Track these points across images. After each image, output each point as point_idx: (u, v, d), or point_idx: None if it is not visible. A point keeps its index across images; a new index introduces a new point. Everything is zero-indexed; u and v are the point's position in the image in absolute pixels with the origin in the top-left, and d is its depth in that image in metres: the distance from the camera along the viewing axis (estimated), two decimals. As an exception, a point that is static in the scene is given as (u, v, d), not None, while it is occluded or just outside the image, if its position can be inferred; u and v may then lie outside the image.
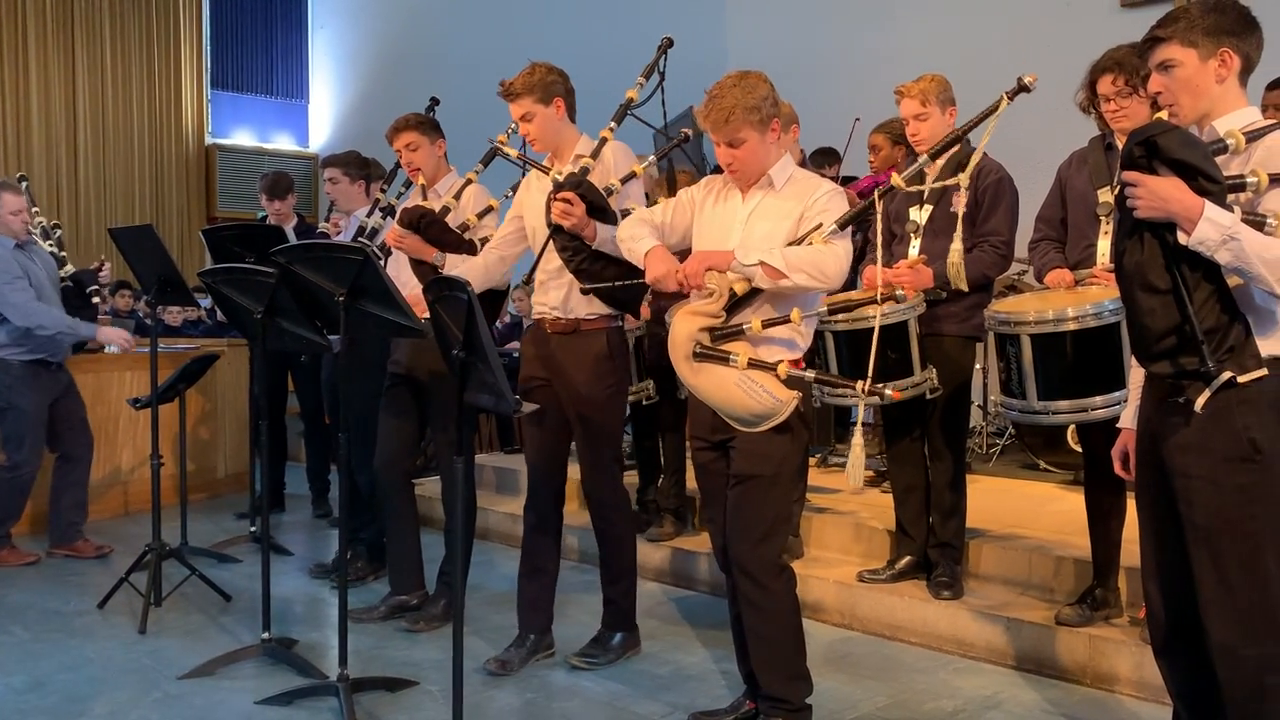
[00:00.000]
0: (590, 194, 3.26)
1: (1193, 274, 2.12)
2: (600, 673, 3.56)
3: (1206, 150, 2.13)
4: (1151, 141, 2.12)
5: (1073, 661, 3.44)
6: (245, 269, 3.59)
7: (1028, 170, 4.11)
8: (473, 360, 2.72)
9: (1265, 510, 2.19)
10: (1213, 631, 2.23)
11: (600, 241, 3.28)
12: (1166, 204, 2.08)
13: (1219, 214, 2.06)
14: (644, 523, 4.83)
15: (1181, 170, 2.09)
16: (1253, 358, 2.15)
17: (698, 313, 2.82)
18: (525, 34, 9.36)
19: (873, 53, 7.07)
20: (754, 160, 2.84)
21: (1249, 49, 2.24)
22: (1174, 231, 2.10)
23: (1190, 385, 2.18)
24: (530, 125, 3.44)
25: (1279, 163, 2.14)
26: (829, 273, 2.74)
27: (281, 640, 3.75)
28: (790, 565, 2.97)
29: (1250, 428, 2.16)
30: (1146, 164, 2.13)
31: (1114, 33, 4.28)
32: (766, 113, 2.81)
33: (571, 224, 3.22)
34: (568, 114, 3.48)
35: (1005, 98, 3.05)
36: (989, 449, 5.73)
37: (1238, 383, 2.14)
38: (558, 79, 3.43)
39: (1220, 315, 2.13)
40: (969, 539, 3.98)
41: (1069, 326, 3.23)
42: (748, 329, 2.80)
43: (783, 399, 2.79)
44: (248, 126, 11.99)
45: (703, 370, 2.81)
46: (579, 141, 3.50)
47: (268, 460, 3.88)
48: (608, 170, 3.40)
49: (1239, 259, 2.05)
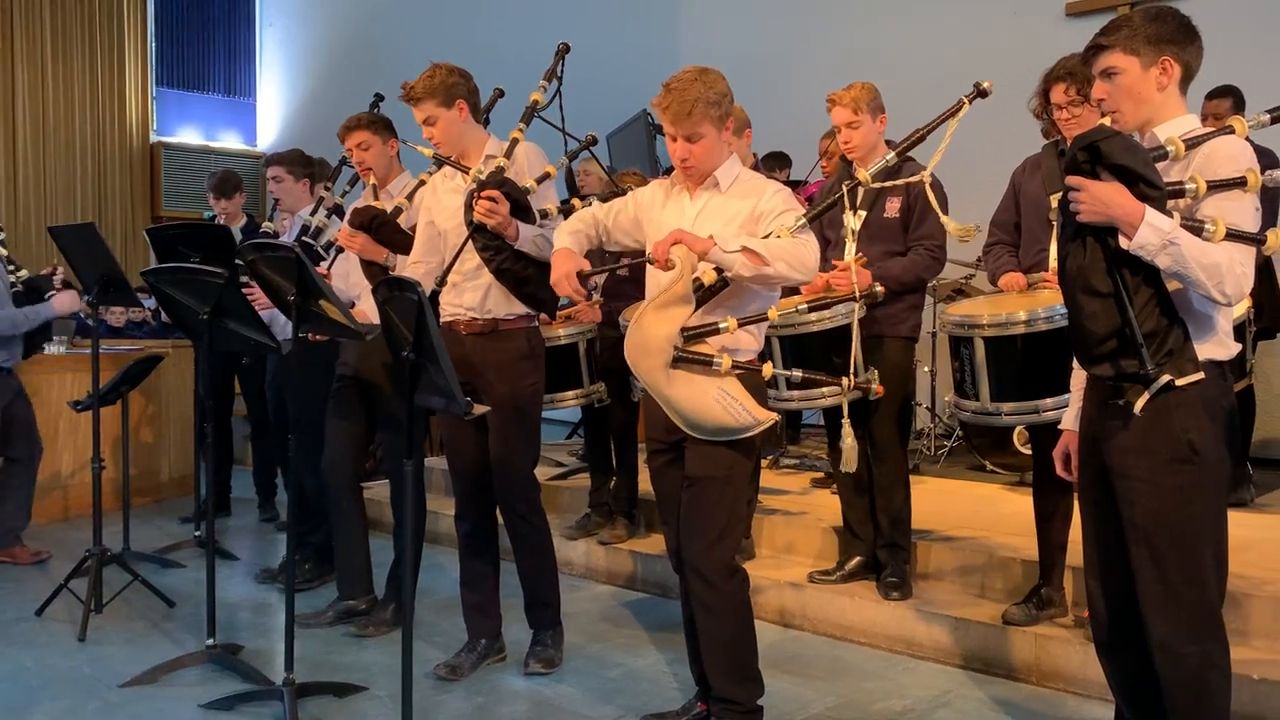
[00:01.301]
0: (513, 192, 3.24)
1: (1133, 278, 2.16)
2: (551, 676, 3.55)
3: (1148, 156, 2.17)
4: (1095, 146, 2.16)
5: (1019, 660, 3.49)
6: (191, 269, 3.53)
7: (975, 174, 4.17)
8: (423, 362, 2.69)
9: (1202, 510, 2.24)
10: (1153, 629, 2.27)
11: (521, 241, 3.26)
12: (1109, 208, 2.12)
13: (1159, 219, 2.10)
14: (596, 525, 4.83)
15: (1123, 175, 2.13)
16: (1190, 361, 2.20)
17: (669, 304, 2.73)
18: (477, 34, 9.32)
19: (824, 58, 7.13)
20: (709, 156, 2.83)
21: (1189, 58, 2.28)
22: (1115, 236, 2.14)
23: (1130, 388, 2.23)
24: (434, 129, 3.39)
25: (1217, 169, 2.18)
26: (808, 264, 2.73)
27: (227, 647, 3.69)
28: (743, 567, 2.97)
29: (1188, 430, 2.21)
30: (1090, 169, 2.16)
31: (1060, 40, 4.37)
32: (725, 109, 2.81)
33: (496, 223, 3.19)
34: (472, 115, 3.45)
35: (965, 101, 3.09)
36: (937, 451, 5.79)
37: (1176, 386, 2.18)
38: (460, 81, 3.39)
39: (1160, 319, 2.17)
40: (918, 539, 4.03)
41: (1021, 330, 3.28)
42: (724, 328, 2.79)
43: (761, 419, 2.79)
44: (194, 124, 11.79)
45: (678, 380, 2.76)
46: (487, 143, 3.48)
47: (213, 463, 3.83)
48: (521, 171, 3.38)
49: (1178, 263, 2.09)
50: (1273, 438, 5.57)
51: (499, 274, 3.31)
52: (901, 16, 6.93)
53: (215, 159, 11.35)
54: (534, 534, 3.55)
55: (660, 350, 2.74)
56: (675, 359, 2.74)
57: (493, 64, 4.01)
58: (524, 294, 3.37)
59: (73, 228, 4.60)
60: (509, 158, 3.36)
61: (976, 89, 3.05)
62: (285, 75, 11.98)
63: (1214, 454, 2.24)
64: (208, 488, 3.73)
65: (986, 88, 3.04)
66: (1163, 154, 2.23)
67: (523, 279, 3.33)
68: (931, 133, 3.21)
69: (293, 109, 11.90)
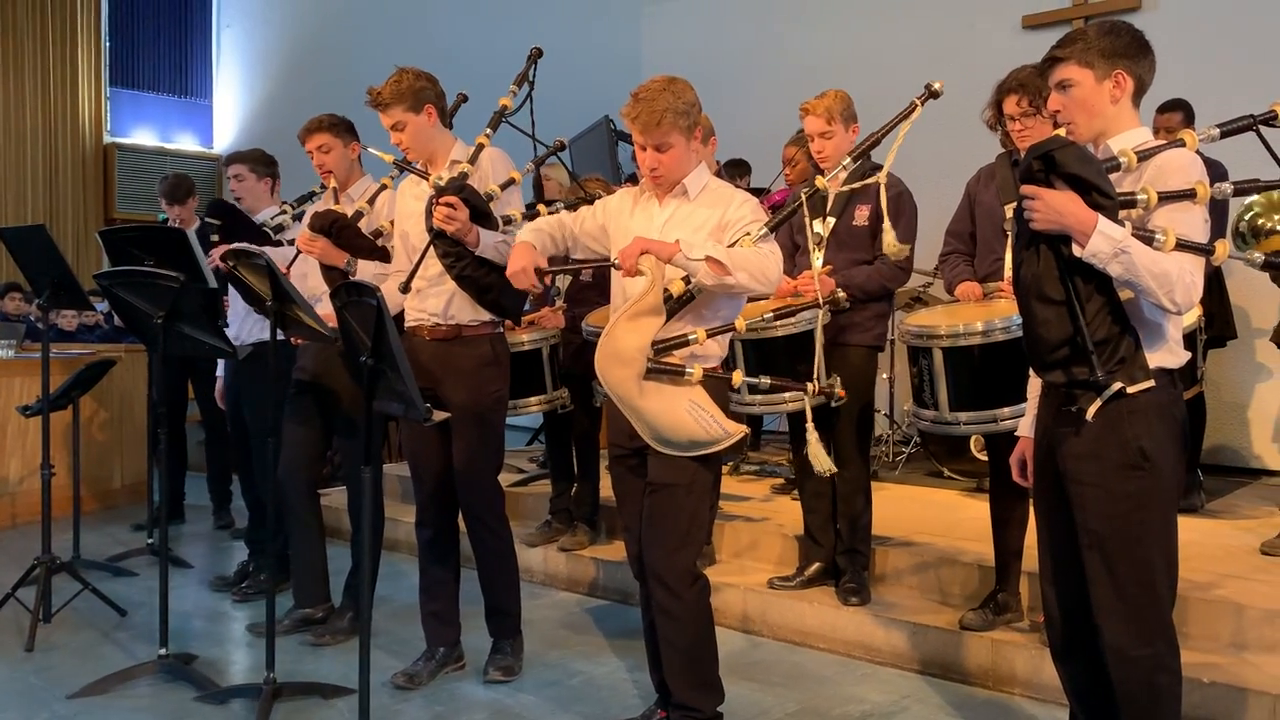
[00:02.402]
0: (473, 198, 3.23)
1: (1085, 286, 2.20)
2: (511, 684, 3.53)
3: (1101, 167, 2.21)
4: (1050, 156, 2.20)
5: (976, 666, 3.52)
6: (145, 272, 3.48)
7: (932, 183, 4.21)
8: (381, 367, 2.67)
9: (1153, 516, 2.28)
10: (1106, 633, 2.31)
11: (483, 247, 3.25)
12: (1062, 217, 2.16)
13: (1111, 228, 2.14)
14: (557, 531, 4.82)
15: (1077, 185, 2.17)
16: (1141, 369, 2.24)
17: (641, 314, 2.73)
18: (437, 37, 9.28)
19: (784, 66, 7.17)
20: (678, 166, 2.84)
21: (1142, 71, 2.33)
22: (1069, 244, 2.17)
23: (1083, 394, 2.27)
24: (402, 134, 3.37)
25: (1168, 181, 2.23)
26: (770, 276, 2.74)
27: (180, 656, 3.63)
28: (704, 574, 2.97)
29: (1139, 436, 2.25)
30: (1044, 178, 2.20)
31: (1016, 52, 4.42)
32: (693, 119, 2.82)
33: (454, 229, 3.18)
34: (440, 120, 3.43)
35: (918, 103, 3.12)
36: (895, 457, 5.84)
37: (1127, 393, 2.23)
38: (427, 85, 3.37)
39: (1111, 327, 2.21)
40: (876, 546, 4.05)
41: (978, 340, 3.32)
42: (693, 339, 2.79)
43: (730, 431, 2.80)
44: (149, 125, 11.62)
45: (651, 392, 2.76)
46: (454, 148, 3.47)
47: (167, 469, 3.77)
48: (485, 177, 3.38)
49: (1129, 271, 2.13)
50: (1222, 445, 5.68)
51: (460, 280, 3.30)
52: (860, 26, 6.99)
53: (170, 161, 11.19)
54: (497, 542, 3.52)
55: (633, 361, 2.73)
56: (648, 370, 2.75)
57: (454, 67, 3.99)
58: (486, 301, 3.36)
59: (21, 229, 4.53)
60: (474, 163, 3.35)
61: (928, 90, 3.08)
62: (243, 77, 11.84)
63: (1164, 461, 2.28)
64: (161, 494, 3.67)
65: (938, 88, 3.07)
66: (1115, 165, 2.28)
67: (485, 286, 3.32)
68: (886, 136, 3.24)
69: (250, 111, 11.76)
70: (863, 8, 7.00)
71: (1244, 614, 3.35)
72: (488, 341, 3.44)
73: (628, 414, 2.81)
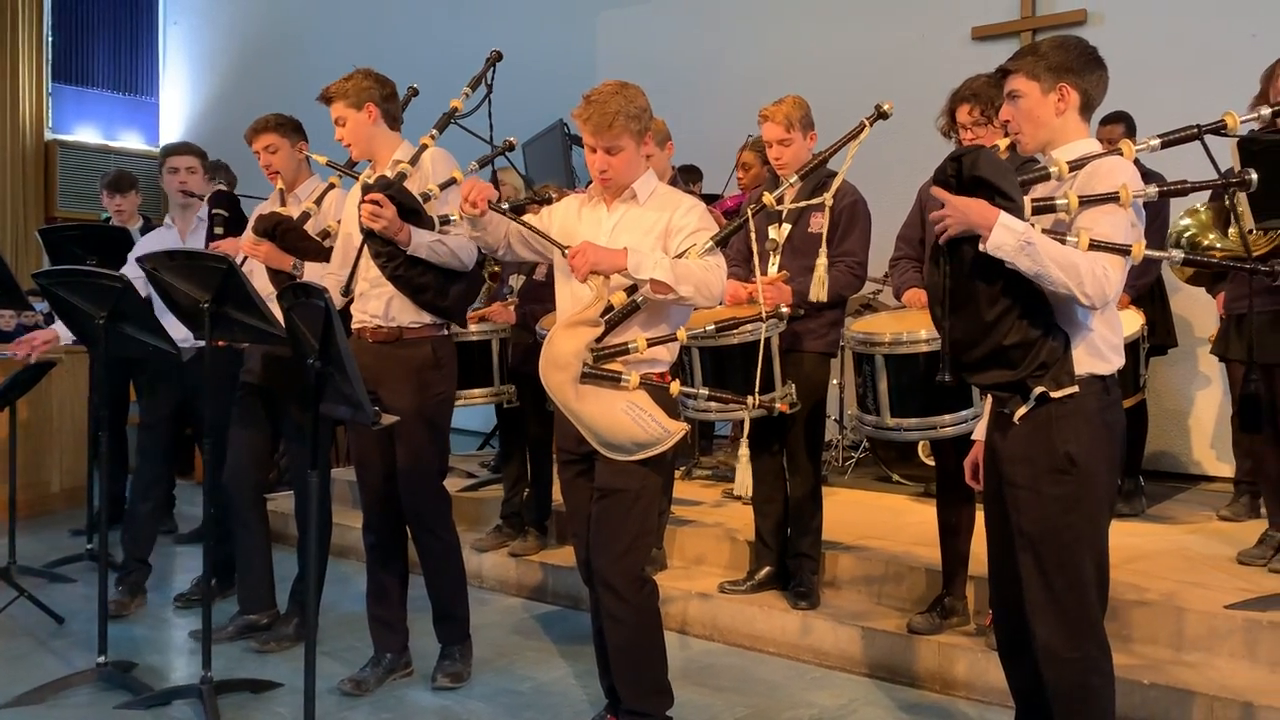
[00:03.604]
0: (401, 196, 3.21)
1: (989, 290, 2.25)
2: (459, 690, 3.50)
3: (1008, 172, 2.28)
4: (959, 160, 2.28)
5: (923, 669, 3.55)
6: (86, 271, 3.42)
7: (882, 191, 4.26)
8: (329, 370, 2.64)
9: (1082, 519, 2.32)
10: (1038, 634, 2.35)
11: (415, 246, 3.24)
12: (966, 214, 2.22)
13: (1013, 222, 2.20)
14: (507, 536, 4.79)
15: (981, 186, 2.24)
16: (1068, 374, 2.29)
17: (579, 324, 2.77)
18: (389, 37, 9.21)
19: (738, 72, 7.21)
20: (628, 169, 2.85)
21: (1088, 86, 2.39)
22: (975, 245, 2.22)
23: (1010, 398, 2.33)
24: (343, 130, 3.41)
25: (1095, 186, 2.29)
26: (713, 290, 2.78)
27: (119, 664, 3.55)
28: (653, 579, 2.98)
29: (1067, 442, 2.30)
30: (956, 180, 2.27)
31: (966, 62, 4.49)
32: (644, 123, 2.84)
33: (381, 227, 3.17)
34: (384, 120, 3.44)
35: (866, 123, 3.16)
36: (845, 462, 5.89)
37: (1052, 398, 2.28)
38: (372, 85, 3.40)
39: (1029, 331, 2.26)
40: (826, 549, 4.08)
41: (921, 348, 3.35)
42: (633, 348, 2.80)
43: (671, 430, 2.80)
44: (92, 123, 11.38)
45: (588, 395, 2.77)
46: (399, 147, 3.46)
47: (107, 473, 3.69)
48: (426, 176, 3.37)
49: (1037, 263, 2.18)
50: (1164, 451, 5.80)
51: (394, 280, 3.29)
52: (812, 35, 7.05)
53: (114, 159, 10.96)
54: (441, 546, 3.50)
55: (568, 365, 2.75)
56: (583, 375, 2.75)
57: (407, 69, 3.95)
58: (422, 301, 3.34)
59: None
60: (414, 164, 3.35)
61: (877, 111, 3.11)
62: (190, 74, 11.66)
63: (1093, 466, 2.32)
64: (101, 498, 3.59)
65: (887, 109, 3.11)
66: (1045, 174, 2.36)
67: (419, 286, 3.30)
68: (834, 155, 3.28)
69: (197, 110, 11.58)
70: (815, 17, 7.06)
71: (1183, 617, 3.41)
72: (429, 344, 3.41)
73: (570, 418, 2.82)
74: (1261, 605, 3.35)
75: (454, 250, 3.30)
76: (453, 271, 3.35)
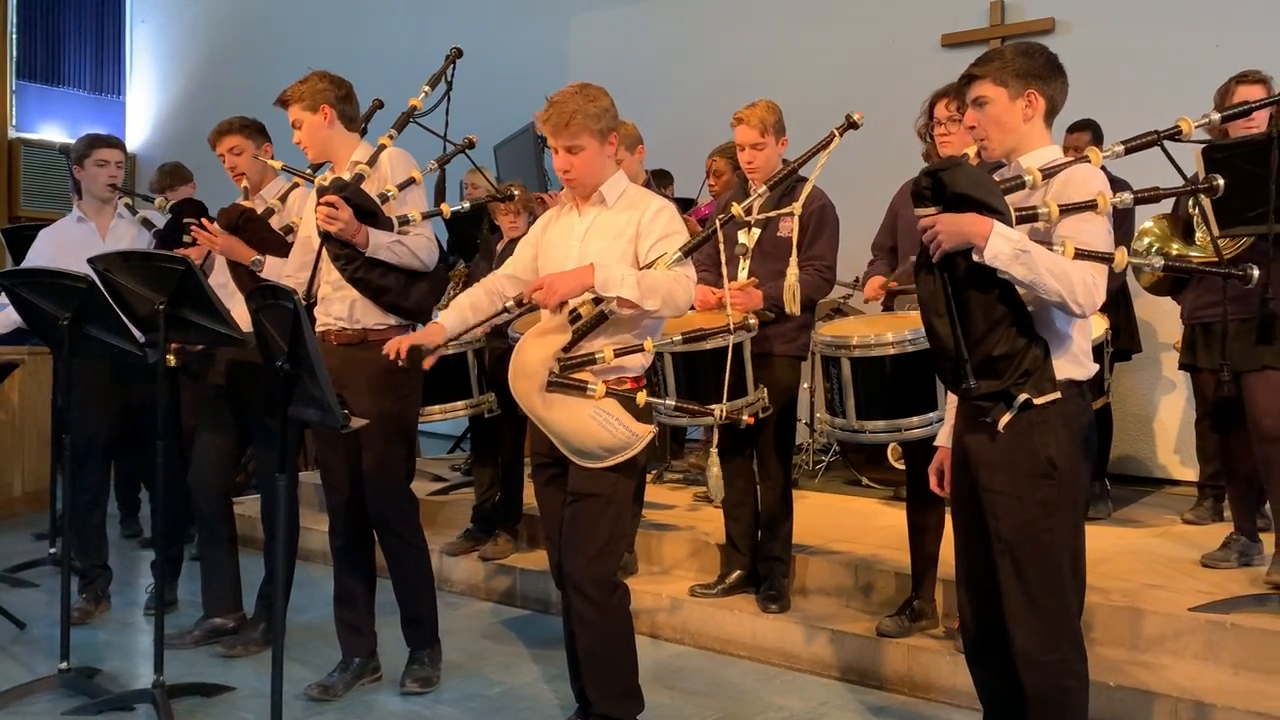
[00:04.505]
0: (357, 198, 3.20)
1: (983, 298, 2.26)
2: (429, 695, 3.48)
3: (991, 184, 2.29)
4: (938, 178, 2.28)
5: (892, 672, 3.57)
6: (50, 272, 3.38)
7: (851, 196, 4.28)
8: (298, 372, 2.62)
9: (1061, 523, 2.35)
10: (1016, 638, 2.37)
11: (374, 248, 3.23)
12: (959, 227, 2.24)
13: (1008, 231, 2.22)
14: (478, 540, 4.77)
15: (968, 204, 2.25)
16: (1049, 381, 2.31)
17: (547, 332, 2.79)
18: (359, 37, 9.16)
19: (709, 77, 7.23)
20: (591, 169, 2.86)
21: (1053, 92, 2.42)
22: (967, 258, 2.24)
23: (993, 406, 2.33)
24: (300, 132, 3.40)
25: (1072, 194, 2.32)
26: (680, 302, 2.80)
27: (82, 670, 3.50)
28: (624, 583, 2.98)
29: (1048, 447, 2.32)
30: (930, 195, 2.28)
31: (935, 70, 4.53)
32: (607, 124, 2.85)
33: (337, 229, 3.16)
34: (341, 121, 3.42)
35: (836, 133, 3.18)
36: (815, 465, 5.91)
37: (1034, 404, 2.29)
38: (329, 88, 3.39)
39: (1016, 340, 2.28)
40: (796, 553, 4.09)
41: (888, 351, 3.38)
42: (600, 358, 2.80)
43: (639, 433, 2.81)
44: (58, 121, 11.23)
45: (554, 403, 2.78)
46: (357, 149, 3.45)
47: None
48: (384, 177, 3.36)
49: (1032, 272, 2.20)
50: (1128, 455, 5.86)
51: (354, 282, 3.28)
52: (783, 40, 7.07)
53: (80, 158, 10.84)
54: (408, 550, 3.48)
55: (535, 374, 2.77)
56: (549, 384, 2.76)
57: (376, 69, 3.95)
58: (384, 303, 3.33)
59: (-80, 227, 4.34)
60: (372, 165, 3.34)
61: (847, 121, 3.12)
62: (157, 74, 11.53)
63: (1072, 470, 2.35)
64: (64, 502, 3.54)
65: (857, 119, 3.13)
66: (1020, 183, 2.37)
67: (380, 287, 3.29)
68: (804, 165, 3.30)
69: (165, 110, 11.46)
70: (785, 22, 7.09)
71: (1148, 619, 3.45)
72: None
73: (539, 426, 2.83)
74: (1224, 608, 3.40)
75: (413, 250, 3.29)
76: (415, 272, 3.34)
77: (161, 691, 3.14)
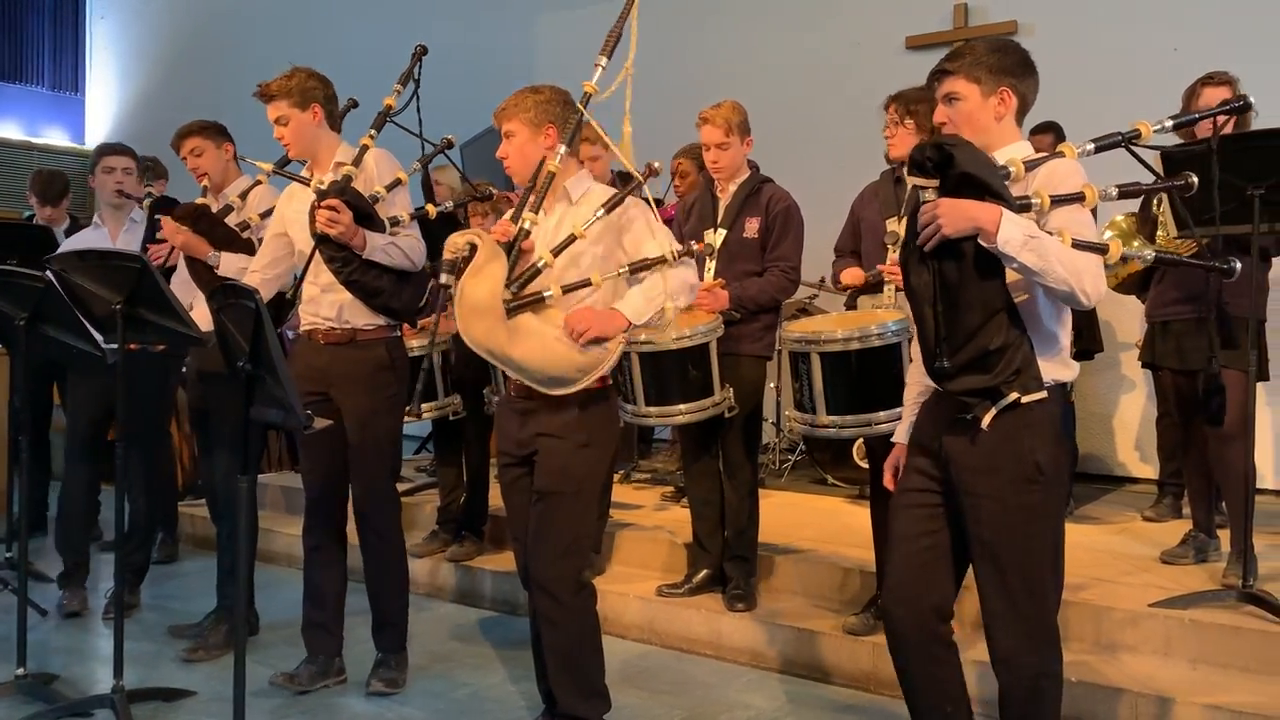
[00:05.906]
0: (356, 201, 3.19)
1: (982, 286, 2.19)
2: (395, 697, 3.45)
3: (994, 168, 2.24)
4: (946, 153, 2.19)
5: (857, 669, 3.58)
6: (6, 271, 3.31)
7: (815, 197, 4.30)
8: (259, 373, 2.59)
9: (1044, 527, 2.32)
10: (997, 641, 2.34)
11: (370, 250, 3.22)
12: (966, 212, 2.15)
13: (1017, 217, 2.15)
14: (444, 542, 4.74)
15: (971, 184, 2.18)
16: (1035, 379, 2.24)
17: (481, 267, 2.72)
18: (323, 35, 9.07)
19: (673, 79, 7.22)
20: (521, 155, 2.92)
21: (1026, 90, 2.39)
22: (970, 244, 2.17)
23: (978, 403, 2.25)
24: (285, 129, 3.36)
25: (1058, 186, 2.27)
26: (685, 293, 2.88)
27: (39, 676, 3.45)
28: (591, 582, 2.97)
29: (1035, 450, 2.26)
30: (933, 167, 2.20)
31: (900, 72, 4.55)
32: (539, 114, 2.90)
33: (338, 233, 3.14)
34: (327, 121, 3.41)
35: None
36: (781, 464, 5.93)
37: (1021, 404, 2.22)
38: (317, 85, 3.37)
39: (1009, 333, 2.21)
40: (763, 552, 4.10)
41: (855, 345, 3.39)
42: (549, 296, 2.78)
43: (609, 347, 2.79)
44: (15, 118, 11.05)
45: (520, 335, 2.74)
46: (339, 149, 3.43)
47: (28, 479, 3.58)
48: (371, 178, 3.35)
49: (1043, 259, 2.13)
50: (1089, 453, 5.93)
51: (349, 285, 3.27)
52: (747, 42, 7.08)
53: (39, 155, 10.67)
54: (389, 551, 3.47)
55: (491, 308, 2.72)
56: (510, 309, 2.73)
57: (341, 68, 3.90)
58: (376, 305, 3.33)
59: None
60: (358, 165, 3.31)
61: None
62: (117, 71, 11.37)
63: (1057, 474, 2.31)
64: (21, 505, 3.48)
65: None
66: (1006, 174, 2.29)
67: (374, 290, 3.29)
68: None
69: (125, 107, 11.30)
70: (751, 23, 7.11)
71: (1109, 615, 3.49)
72: (383, 345, 3.40)
73: (508, 369, 2.80)
74: (1183, 603, 3.44)
75: (405, 252, 3.32)
76: (405, 273, 3.34)
77: (121, 697, 3.09)
